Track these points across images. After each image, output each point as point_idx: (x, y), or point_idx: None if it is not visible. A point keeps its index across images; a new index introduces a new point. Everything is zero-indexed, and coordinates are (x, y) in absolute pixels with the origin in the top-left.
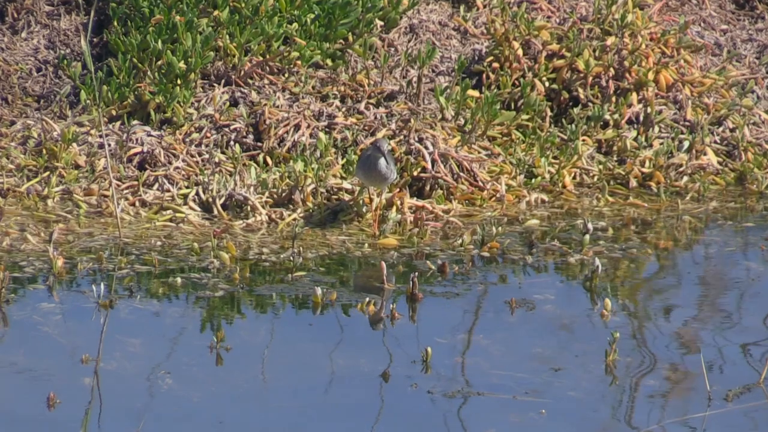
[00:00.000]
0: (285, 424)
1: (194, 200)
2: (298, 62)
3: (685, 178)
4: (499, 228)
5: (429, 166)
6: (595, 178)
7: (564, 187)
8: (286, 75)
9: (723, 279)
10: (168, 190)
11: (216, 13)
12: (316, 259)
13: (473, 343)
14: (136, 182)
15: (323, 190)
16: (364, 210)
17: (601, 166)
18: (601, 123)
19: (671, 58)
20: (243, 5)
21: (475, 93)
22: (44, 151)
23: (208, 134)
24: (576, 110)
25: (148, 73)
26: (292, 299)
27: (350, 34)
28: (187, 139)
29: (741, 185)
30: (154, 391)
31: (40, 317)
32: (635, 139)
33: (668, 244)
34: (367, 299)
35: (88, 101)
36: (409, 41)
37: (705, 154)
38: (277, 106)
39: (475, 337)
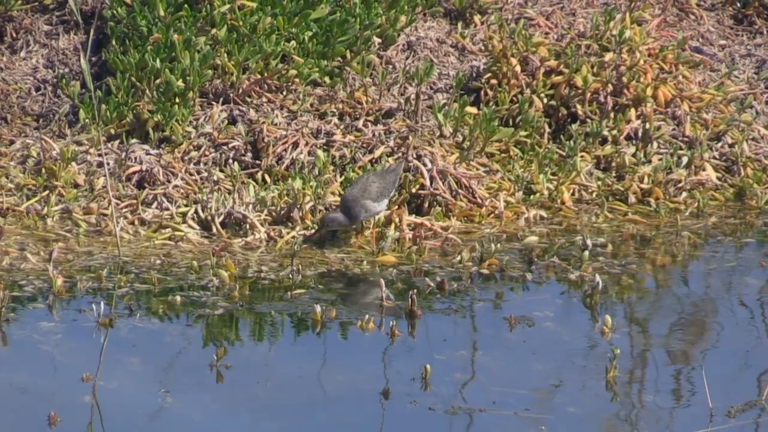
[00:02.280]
0: None
1: (193, 218)
2: (296, 80)
3: (684, 194)
4: (498, 245)
5: (427, 182)
6: (594, 195)
7: (563, 203)
8: (284, 93)
9: (723, 295)
10: (167, 209)
11: (214, 31)
12: (315, 276)
13: (473, 360)
14: (135, 201)
15: (322, 208)
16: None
17: (599, 182)
18: (600, 139)
19: (669, 74)
20: (241, 23)
21: (473, 110)
22: (43, 170)
23: (207, 152)
24: (574, 126)
25: (147, 91)
26: (291, 317)
27: (348, 51)
28: (186, 158)
29: (740, 201)
30: (154, 410)
31: (40, 336)
32: (634, 155)
33: (668, 260)
34: (366, 316)
35: (86, 120)
36: (407, 58)
37: (704, 170)
38: (276, 124)
39: (474, 354)
